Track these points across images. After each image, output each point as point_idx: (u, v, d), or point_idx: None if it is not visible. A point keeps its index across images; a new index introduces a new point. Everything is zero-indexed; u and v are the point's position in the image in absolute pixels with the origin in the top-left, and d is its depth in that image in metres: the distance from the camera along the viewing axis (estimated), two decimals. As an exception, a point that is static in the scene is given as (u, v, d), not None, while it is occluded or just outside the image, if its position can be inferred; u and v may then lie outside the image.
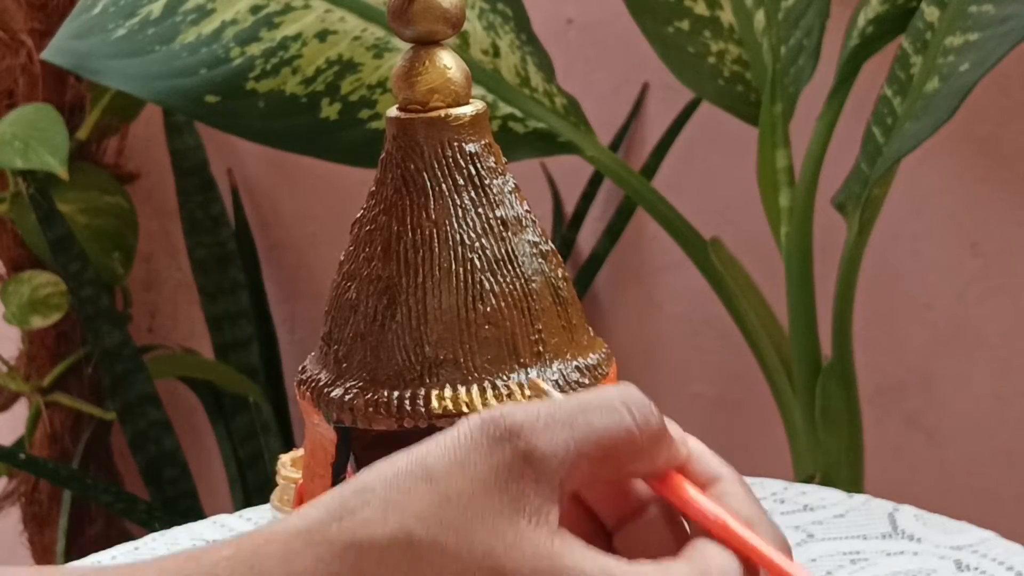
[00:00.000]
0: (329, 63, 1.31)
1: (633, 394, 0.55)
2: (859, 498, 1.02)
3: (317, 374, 0.75)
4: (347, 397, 0.73)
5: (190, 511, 1.81)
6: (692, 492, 0.55)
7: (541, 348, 0.73)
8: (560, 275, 0.75)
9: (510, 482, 0.51)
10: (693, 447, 0.56)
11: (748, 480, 1.05)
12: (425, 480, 0.51)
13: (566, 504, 0.53)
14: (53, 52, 1.34)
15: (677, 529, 0.56)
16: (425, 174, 0.73)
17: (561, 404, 0.54)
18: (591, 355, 0.75)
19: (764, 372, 1.47)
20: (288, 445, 1.91)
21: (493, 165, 0.75)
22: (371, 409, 0.72)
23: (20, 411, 1.95)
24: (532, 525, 0.51)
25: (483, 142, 0.75)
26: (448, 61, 0.74)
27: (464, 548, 0.51)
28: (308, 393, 0.75)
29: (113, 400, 1.82)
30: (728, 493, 0.56)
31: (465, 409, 0.71)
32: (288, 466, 0.98)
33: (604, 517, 0.56)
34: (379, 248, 0.74)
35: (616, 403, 0.54)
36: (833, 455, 1.43)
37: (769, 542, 0.55)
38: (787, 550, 0.56)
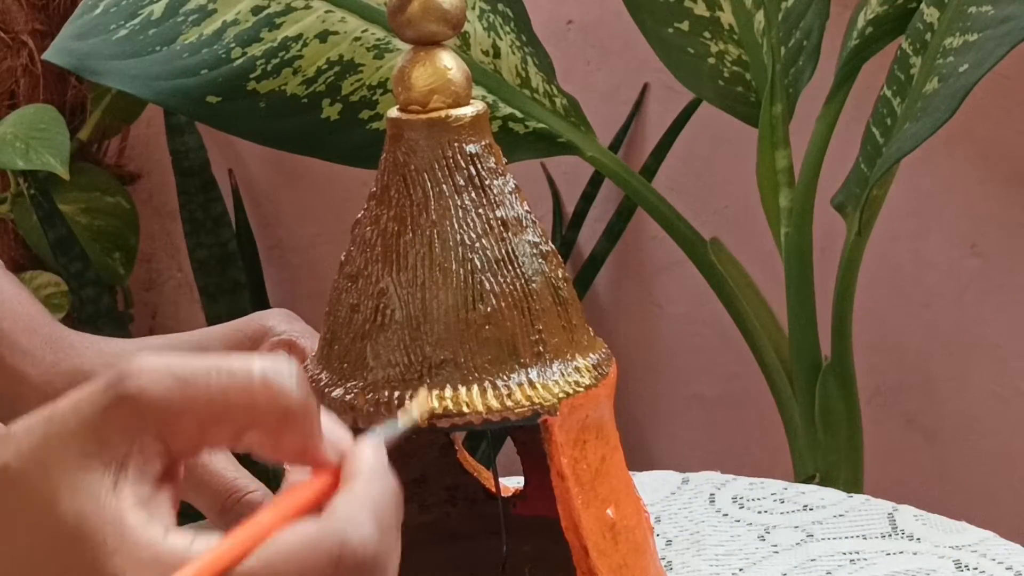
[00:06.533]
0: (330, 64, 1.31)
1: (277, 365, 0.51)
2: (859, 498, 1.02)
3: (318, 374, 0.75)
4: (348, 397, 0.73)
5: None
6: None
7: (541, 348, 0.73)
8: (560, 275, 0.75)
9: (103, 424, 0.49)
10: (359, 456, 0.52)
11: (748, 480, 1.05)
12: (46, 420, 0.50)
13: (169, 460, 0.50)
14: (55, 53, 1.34)
15: None
16: (425, 175, 0.74)
17: (192, 358, 0.50)
18: (591, 355, 0.75)
19: (764, 372, 1.47)
20: (289, 445, 1.91)
21: (493, 166, 0.75)
22: (371, 409, 0.72)
23: (21, 411, 1.95)
24: (103, 475, 0.49)
25: (483, 143, 0.75)
26: (448, 62, 0.75)
27: (43, 482, 0.48)
28: (309, 393, 0.75)
29: (114, 400, 1.82)
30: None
31: (465, 409, 0.71)
32: None
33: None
34: (379, 249, 0.74)
35: (249, 367, 0.50)
36: (832, 455, 1.43)
37: None
38: None
